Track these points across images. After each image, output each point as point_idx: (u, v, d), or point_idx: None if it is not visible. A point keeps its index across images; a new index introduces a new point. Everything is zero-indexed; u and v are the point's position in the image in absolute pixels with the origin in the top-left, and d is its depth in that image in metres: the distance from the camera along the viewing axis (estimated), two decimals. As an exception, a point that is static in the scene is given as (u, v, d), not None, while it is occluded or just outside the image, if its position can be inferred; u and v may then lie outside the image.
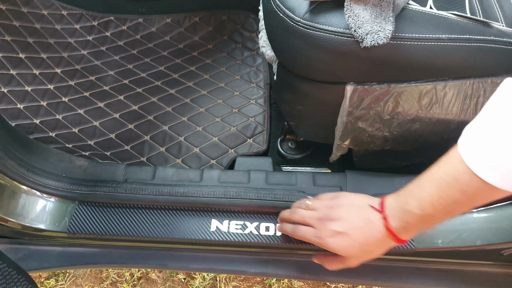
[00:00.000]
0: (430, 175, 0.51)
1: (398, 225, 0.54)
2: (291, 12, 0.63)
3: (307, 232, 0.60)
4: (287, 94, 0.77)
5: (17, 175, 0.68)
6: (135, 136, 0.99)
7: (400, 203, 0.54)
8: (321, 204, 0.62)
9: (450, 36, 0.60)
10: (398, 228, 0.54)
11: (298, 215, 0.62)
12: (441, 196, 0.49)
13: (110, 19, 1.22)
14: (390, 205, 0.56)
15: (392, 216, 0.55)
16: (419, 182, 0.52)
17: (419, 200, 0.51)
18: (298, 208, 0.64)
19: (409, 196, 0.53)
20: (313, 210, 0.61)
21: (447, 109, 0.70)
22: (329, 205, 0.61)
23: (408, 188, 0.54)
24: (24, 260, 0.78)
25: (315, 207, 0.62)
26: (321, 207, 0.61)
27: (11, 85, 0.97)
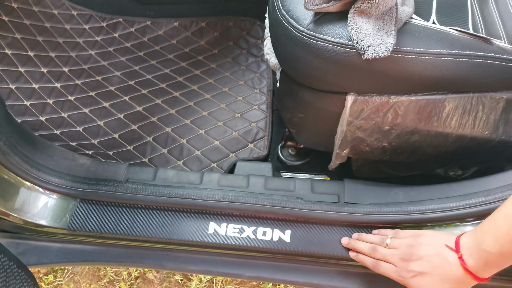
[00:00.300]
0: (505, 211, 0.53)
1: (476, 264, 0.55)
2: (295, 22, 0.64)
3: (389, 270, 0.63)
4: (288, 102, 0.78)
5: (21, 171, 0.69)
6: (138, 137, 1.01)
7: (477, 241, 0.55)
8: (401, 242, 0.64)
9: (451, 51, 0.62)
10: (476, 267, 0.55)
11: (380, 254, 0.65)
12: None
13: (119, 21, 1.24)
14: (466, 244, 0.57)
15: (469, 256, 0.56)
16: (494, 219, 0.54)
17: (496, 238, 0.52)
18: (378, 246, 0.67)
19: (485, 234, 0.54)
20: (394, 249, 0.64)
21: (446, 122, 0.71)
22: (410, 244, 0.63)
23: (484, 226, 0.55)
24: (24, 255, 0.79)
25: (396, 245, 0.64)
26: (402, 245, 0.63)
27: (19, 82, 0.99)
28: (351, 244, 0.71)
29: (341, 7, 0.61)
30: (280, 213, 0.74)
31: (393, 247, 0.65)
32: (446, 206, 0.70)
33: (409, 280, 0.61)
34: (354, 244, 0.71)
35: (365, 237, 0.71)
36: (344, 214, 0.73)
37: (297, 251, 0.73)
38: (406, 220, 0.71)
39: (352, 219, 0.73)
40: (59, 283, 1.22)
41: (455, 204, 0.70)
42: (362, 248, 0.69)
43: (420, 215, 0.71)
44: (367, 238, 0.70)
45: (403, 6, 0.64)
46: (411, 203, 0.73)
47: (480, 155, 0.81)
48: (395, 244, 0.65)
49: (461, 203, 0.70)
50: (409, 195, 0.75)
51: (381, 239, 0.68)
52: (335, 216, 0.73)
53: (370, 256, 0.67)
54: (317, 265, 0.77)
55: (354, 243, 0.71)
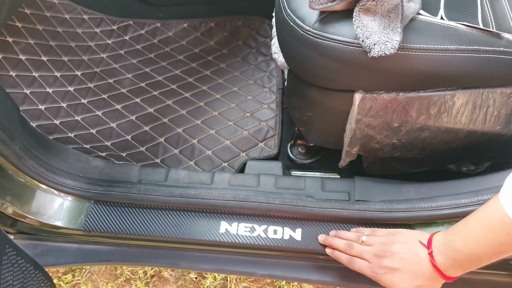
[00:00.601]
0: (478, 215, 0.53)
1: (445, 262, 0.56)
2: (301, 21, 0.64)
3: (363, 266, 0.64)
4: (297, 101, 0.78)
5: (36, 174, 0.71)
6: (150, 138, 1.02)
7: (447, 240, 0.56)
8: (377, 240, 0.65)
9: (459, 47, 0.61)
10: (444, 264, 0.56)
11: (355, 250, 0.66)
12: (486, 237, 0.51)
13: (129, 24, 1.26)
14: (437, 241, 0.58)
15: (439, 253, 0.57)
16: (467, 221, 0.54)
17: (466, 239, 0.53)
18: (354, 243, 0.67)
19: (456, 234, 0.55)
20: (370, 246, 0.65)
21: (456, 118, 0.70)
22: (385, 241, 0.64)
23: (457, 226, 0.56)
24: (42, 256, 0.82)
25: (371, 242, 0.65)
26: (377, 243, 0.65)
27: (33, 87, 1.01)
28: (328, 240, 0.72)
29: (346, 6, 0.61)
30: (290, 211, 0.75)
31: (368, 244, 0.66)
32: (458, 203, 0.70)
33: (381, 276, 0.62)
34: (330, 241, 0.71)
35: (342, 234, 0.71)
36: (355, 212, 0.73)
37: (308, 249, 0.74)
38: (417, 217, 0.71)
39: (363, 217, 0.73)
40: (77, 282, 1.25)
41: (467, 201, 0.69)
42: (338, 245, 0.69)
43: (432, 212, 0.71)
44: (344, 235, 0.71)
45: (410, 2, 0.63)
46: (422, 199, 0.73)
47: (492, 150, 0.80)
48: (371, 241, 0.66)
49: (473, 199, 0.69)
50: (420, 192, 0.75)
51: (357, 236, 0.69)
52: (345, 214, 0.73)
53: (345, 253, 0.68)
54: (329, 263, 0.78)
55: (331, 240, 0.71)
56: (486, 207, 0.53)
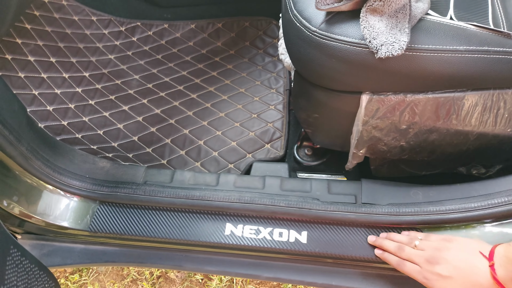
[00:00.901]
0: None
1: (506, 276, 0.54)
2: (307, 22, 0.63)
3: (414, 271, 0.62)
4: (303, 102, 0.77)
5: (43, 175, 0.72)
6: (156, 139, 1.03)
7: (509, 252, 0.54)
8: (429, 245, 0.63)
9: (468, 47, 0.60)
10: (505, 278, 0.54)
11: (406, 254, 0.64)
12: None
13: (137, 25, 1.27)
14: (498, 253, 0.56)
15: (500, 266, 0.55)
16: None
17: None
18: (405, 245, 0.66)
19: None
20: (422, 250, 0.63)
21: (466, 120, 0.69)
22: (438, 247, 0.62)
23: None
24: (48, 256, 0.82)
25: (423, 247, 0.64)
26: (430, 248, 0.63)
27: (42, 88, 1.02)
28: (378, 241, 0.70)
29: (353, 6, 0.60)
30: (296, 214, 0.74)
31: (421, 248, 0.64)
32: (467, 207, 0.68)
33: (433, 282, 0.60)
34: (381, 242, 0.69)
35: (393, 236, 0.70)
36: (362, 215, 0.72)
37: (314, 252, 0.73)
38: (425, 220, 0.70)
39: (370, 220, 0.72)
40: (84, 282, 1.26)
41: (477, 205, 0.68)
42: (389, 246, 0.68)
43: (440, 216, 0.69)
44: (396, 238, 0.69)
45: (418, 2, 0.62)
46: (431, 203, 0.72)
47: (503, 153, 0.78)
48: (423, 245, 0.64)
49: (483, 203, 0.68)
50: (428, 195, 0.74)
51: (410, 239, 0.67)
52: (352, 217, 0.72)
53: (395, 255, 0.66)
54: (335, 266, 0.77)
55: (381, 241, 0.69)
56: None
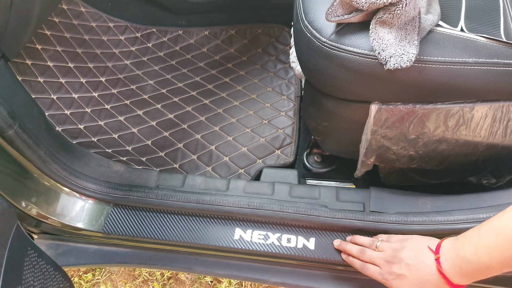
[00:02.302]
0: (493, 223, 0.51)
1: (451, 269, 0.55)
2: (318, 32, 0.65)
3: (375, 272, 0.65)
4: (313, 110, 0.79)
5: (60, 178, 0.74)
6: (169, 144, 1.05)
7: (456, 247, 0.55)
8: (388, 246, 0.66)
9: (477, 59, 0.60)
10: (450, 272, 0.55)
11: (367, 256, 0.67)
12: (499, 246, 0.49)
13: (153, 31, 1.30)
14: (445, 248, 0.57)
15: (445, 260, 0.56)
16: (479, 229, 0.53)
17: (477, 248, 0.51)
18: (367, 248, 0.68)
19: (467, 242, 0.54)
20: (381, 252, 0.66)
21: (475, 131, 0.69)
22: (395, 247, 0.64)
23: (468, 234, 0.54)
24: (63, 256, 0.85)
25: (384, 248, 0.66)
26: (388, 249, 0.65)
27: (60, 93, 1.05)
28: (342, 246, 0.72)
29: (362, 18, 0.61)
30: (304, 220, 0.75)
31: (381, 250, 0.66)
32: (476, 217, 0.68)
33: (391, 282, 0.62)
34: (344, 246, 0.72)
35: (357, 239, 0.72)
36: (369, 223, 0.73)
37: (322, 258, 0.74)
38: (433, 230, 0.70)
39: (378, 228, 0.72)
40: (97, 281, 1.29)
41: (486, 216, 0.68)
42: (351, 250, 0.70)
43: (448, 226, 0.69)
44: (358, 240, 0.71)
45: (428, 14, 0.63)
46: (439, 213, 0.72)
47: (514, 164, 0.78)
48: (383, 247, 0.66)
49: (492, 214, 0.67)
50: (437, 205, 0.74)
51: (371, 241, 0.69)
52: (360, 224, 0.73)
53: (358, 258, 0.69)
54: (342, 273, 0.78)
55: (345, 245, 0.72)
56: (502, 215, 0.51)
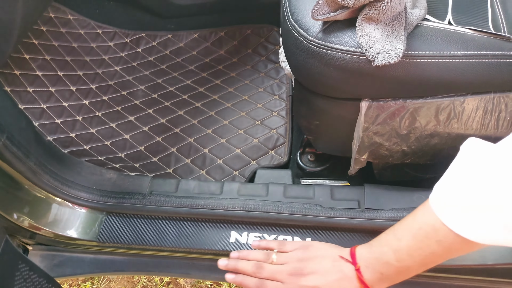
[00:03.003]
0: (407, 225, 0.51)
1: (372, 277, 0.53)
2: (305, 31, 0.64)
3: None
4: (304, 109, 0.78)
5: (52, 188, 0.74)
6: (162, 149, 1.04)
7: (375, 253, 0.53)
8: (289, 257, 0.59)
9: (466, 52, 0.60)
10: (371, 279, 0.53)
11: (266, 272, 0.58)
12: (419, 246, 0.49)
13: (142, 36, 1.29)
14: (363, 256, 0.55)
15: (366, 268, 0.54)
16: (395, 232, 0.52)
17: (396, 251, 0.51)
18: (264, 263, 0.59)
19: (385, 247, 0.52)
20: (282, 264, 0.58)
21: (467, 124, 0.69)
22: (299, 258, 0.58)
23: (383, 238, 0.53)
24: (59, 266, 0.84)
25: (284, 260, 0.59)
26: (291, 260, 0.58)
27: (50, 102, 1.04)
28: (231, 265, 0.61)
29: (348, 15, 0.60)
30: (299, 220, 0.74)
31: (281, 262, 0.58)
32: (471, 210, 0.68)
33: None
34: (234, 265, 0.61)
35: (246, 254, 0.63)
36: (365, 221, 0.72)
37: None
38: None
39: (373, 225, 0.72)
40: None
41: (481, 208, 0.68)
42: (245, 268, 0.60)
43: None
44: (250, 256, 0.62)
45: (414, 9, 0.63)
46: (435, 207, 0.72)
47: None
48: (283, 259, 0.59)
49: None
50: (432, 199, 0.74)
51: (266, 254, 0.61)
52: (355, 222, 0.73)
53: (255, 276, 0.59)
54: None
55: (235, 263, 0.61)
56: (415, 216, 0.50)
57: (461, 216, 0.44)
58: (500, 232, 0.41)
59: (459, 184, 0.46)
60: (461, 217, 0.44)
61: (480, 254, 0.69)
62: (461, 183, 0.45)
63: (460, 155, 0.49)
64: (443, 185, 0.49)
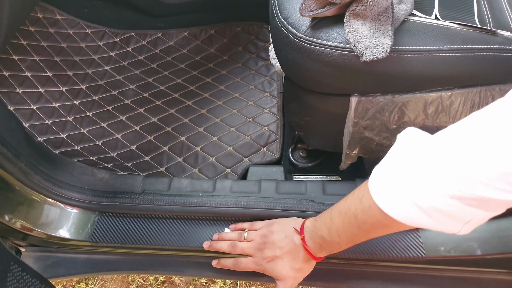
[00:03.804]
0: (339, 207, 0.58)
1: (313, 246, 0.62)
2: (293, 28, 0.65)
3: (248, 263, 0.68)
4: (294, 106, 0.79)
5: (43, 189, 0.73)
6: (154, 147, 1.04)
7: (315, 227, 0.62)
8: (257, 234, 0.69)
9: (452, 46, 0.61)
10: (313, 248, 0.63)
11: (239, 249, 0.69)
12: (345, 230, 0.56)
13: (131, 35, 1.28)
14: (307, 227, 0.64)
15: (309, 238, 0.63)
16: (331, 212, 0.59)
17: (329, 230, 0.59)
18: (237, 242, 0.70)
19: (322, 223, 0.61)
20: (251, 241, 0.68)
21: (455, 117, 0.70)
22: (263, 233, 0.68)
23: (323, 216, 0.61)
24: (53, 267, 0.84)
25: (252, 237, 0.69)
26: (257, 236, 0.68)
27: (40, 103, 1.04)
28: (213, 246, 0.72)
29: (336, 11, 0.61)
30: (292, 216, 0.75)
31: (250, 239, 0.69)
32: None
33: (265, 266, 0.66)
34: (215, 245, 0.72)
35: (224, 235, 0.73)
36: (357, 215, 0.73)
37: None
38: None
39: (365, 219, 0.73)
40: (91, 290, 1.28)
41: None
42: (222, 247, 0.71)
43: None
44: (226, 236, 0.73)
45: (400, 4, 0.63)
46: (425, 200, 0.73)
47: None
48: (252, 236, 0.69)
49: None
50: (422, 192, 0.75)
51: (239, 234, 0.71)
52: (347, 216, 0.74)
53: (230, 253, 0.70)
54: (333, 266, 0.78)
55: (215, 244, 0.72)
56: (346, 199, 0.56)
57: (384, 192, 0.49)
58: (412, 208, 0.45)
59: (386, 167, 0.51)
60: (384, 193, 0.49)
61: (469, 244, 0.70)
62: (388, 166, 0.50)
63: (395, 144, 0.52)
64: (376, 169, 0.53)
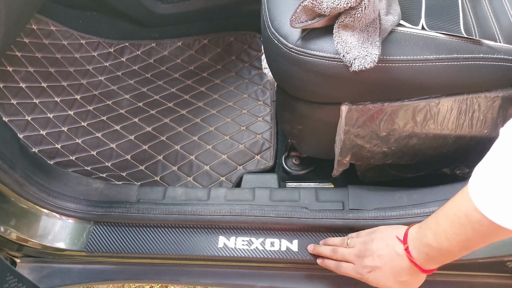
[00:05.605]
0: (445, 209, 0.52)
1: (419, 256, 0.56)
2: (284, 39, 0.66)
3: (348, 269, 0.65)
4: (286, 114, 0.80)
5: (38, 200, 0.74)
6: (149, 157, 1.05)
7: (420, 235, 0.56)
8: (357, 241, 0.66)
9: (438, 56, 0.62)
10: (419, 259, 0.57)
11: (340, 254, 0.67)
12: (455, 232, 0.50)
13: (125, 45, 1.30)
14: (411, 235, 0.58)
15: (414, 248, 0.57)
16: (437, 215, 0.54)
17: (436, 234, 0.53)
18: (339, 247, 0.68)
19: (427, 229, 0.55)
20: (352, 248, 0.66)
21: (443, 124, 0.72)
22: (365, 241, 0.65)
23: (428, 220, 0.56)
24: (48, 278, 0.84)
25: (354, 244, 0.66)
26: (358, 243, 0.65)
27: (35, 113, 1.04)
28: (316, 249, 0.73)
29: (326, 22, 0.63)
30: (286, 223, 0.76)
31: (352, 245, 0.66)
32: (450, 207, 0.71)
33: (365, 276, 0.62)
34: (318, 249, 0.72)
35: (328, 240, 0.73)
36: (349, 221, 0.74)
37: (306, 259, 0.75)
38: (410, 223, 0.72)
39: (357, 225, 0.74)
40: (86, 300, 1.27)
41: (459, 205, 0.70)
42: (324, 252, 0.70)
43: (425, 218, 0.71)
44: (330, 241, 0.72)
45: (388, 15, 0.65)
46: (416, 206, 0.74)
47: (483, 154, 0.81)
48: (353, 242, 0.66)
49: (465, 203, 0.70)
50: (413, 198, 0.76)
51: (342, 240, 0.70)
52: (340, 223, 0.75)
53: (332, 258, 0.69)
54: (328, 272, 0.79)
55: (318, 248, 0.72)
56: (453, 201, 0.51)
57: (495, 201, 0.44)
58: None
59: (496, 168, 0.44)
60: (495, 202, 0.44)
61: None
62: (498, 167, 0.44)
63: (500, 139, 0.47)
64: (481, 169, 0.47)
